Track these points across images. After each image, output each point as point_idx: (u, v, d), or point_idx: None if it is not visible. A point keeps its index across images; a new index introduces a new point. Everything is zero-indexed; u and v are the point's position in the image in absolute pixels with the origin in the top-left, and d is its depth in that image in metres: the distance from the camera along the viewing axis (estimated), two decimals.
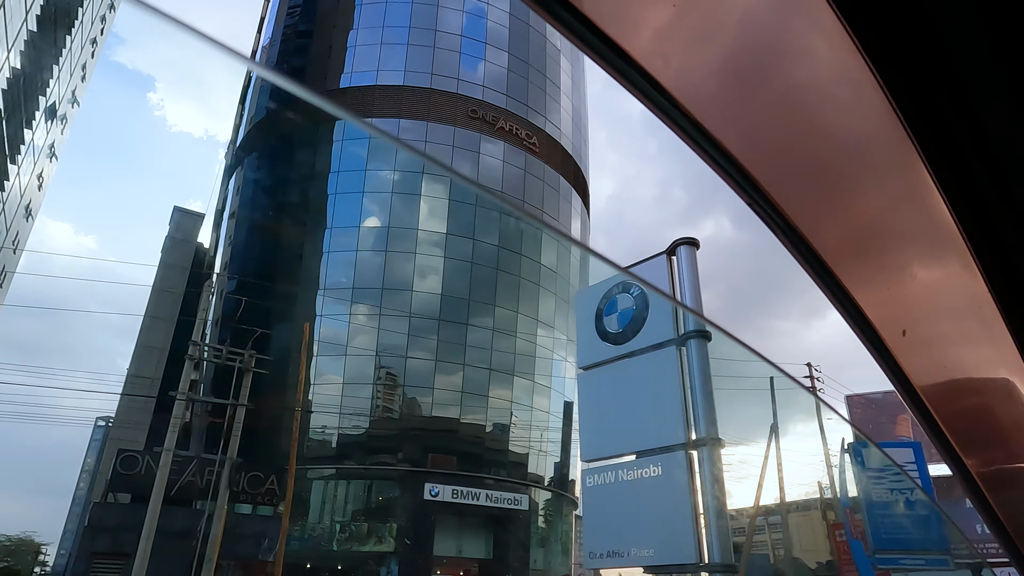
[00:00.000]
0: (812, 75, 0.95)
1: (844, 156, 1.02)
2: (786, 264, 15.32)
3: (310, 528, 25.89)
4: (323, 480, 27.32)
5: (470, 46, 34.90)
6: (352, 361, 28.25)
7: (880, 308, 1.18)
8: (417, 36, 34.14)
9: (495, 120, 33.25)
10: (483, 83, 34.28)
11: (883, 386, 31.05)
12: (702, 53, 0.93)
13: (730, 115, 0.98)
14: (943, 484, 22.28)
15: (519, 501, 27.79)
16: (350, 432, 27.75)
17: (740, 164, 1.00)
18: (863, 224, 1.11)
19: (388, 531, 25.66)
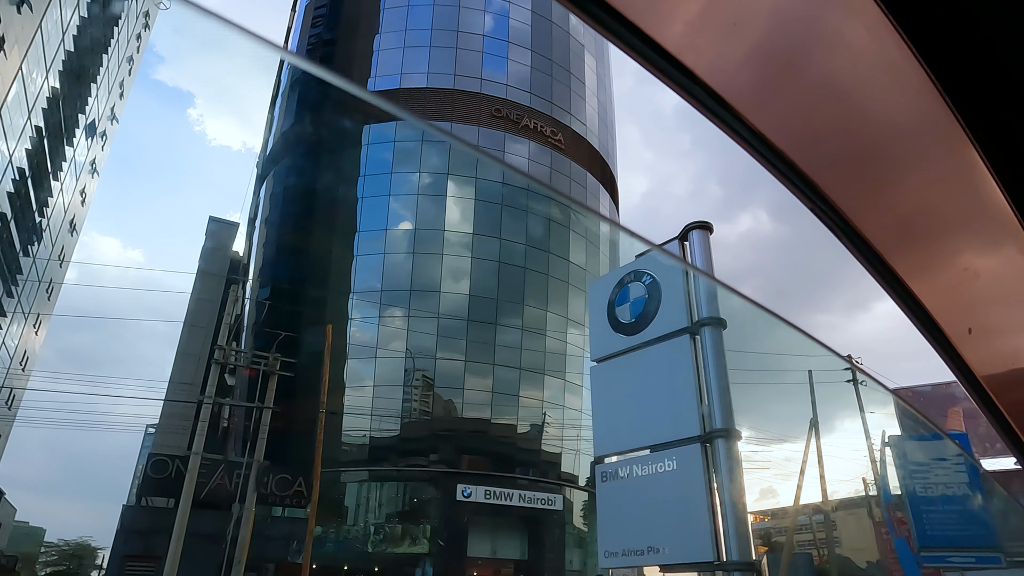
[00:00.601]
0: (851, 60, 0.93)
1: (890, 141, 1.01)
2: (828, 256, 14.54)
3: (345, 530, 26.05)
4: (357, 483, 27.47)
5: (492, 45, 34.80)
6: (383, 364, 28.36)
7: (938, 296, 1.16)
8: (439, 38, 34.18)
9: (519, 118, 33.06)
10: (506, 82, 34.13)
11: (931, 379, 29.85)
12: (737, 43, 0.92)
13: (770, 104, 0.97)
14: (1000, 479, 21.28)
15: (553, 501, 27.51)
16: (382, 434, 27.85)
17: (783, 153, 0.99)
18: (914, 210, 1.10)
19: (422, 532, 25.65)
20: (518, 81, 34.49)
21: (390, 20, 35.16)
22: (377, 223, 30.48)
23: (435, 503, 26.42)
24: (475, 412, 28.38)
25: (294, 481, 18.13)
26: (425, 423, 28.29)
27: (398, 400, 28.00)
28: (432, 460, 27.37)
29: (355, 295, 29.76)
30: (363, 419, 27.69)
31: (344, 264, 30.57)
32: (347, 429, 27.89)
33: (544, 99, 34.72)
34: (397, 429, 27.84)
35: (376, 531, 25.92)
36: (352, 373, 28.56)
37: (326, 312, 30.25)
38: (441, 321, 28.87)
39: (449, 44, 34.17)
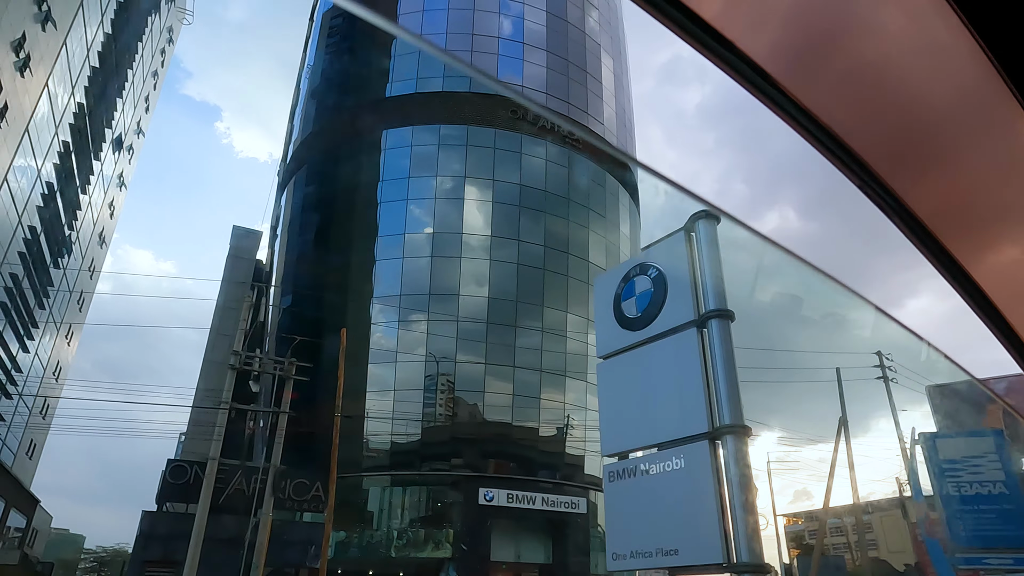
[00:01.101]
0: (904, 36, 0.90)
1: (945, 120, 0.96)
2: (858, 253, 14.06)
3: (368, 535, 26.05)
4: (380, 487, 27.48)
5: (508, 47, 34.73)
6: (404, 368, 28.37)
7: (998, 281, 1.11)
8: (454, 41, 34.20)
9: (536, 119, 32.89)
10: (522, 83, 34.01)
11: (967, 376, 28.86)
12: (784, 18, 0.91)
13: (820, 82, 0.94)
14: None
15: (576, 504, 27.20)
16: (404, 439, 27.84)
17: (833, 132, 0.97)
18: (971, 192, 1.05)
19: (445, 537, 25.54)
20: (534, 82, 34.35)
21: (406, 25, 35.28)
22: (396, 227, 30.54)
23: (457, 507, 26.30)
24: (496, 415, 28.23)
25: (312, 486, 18.14)
26: (446, 427, 28.21)
27: (419, 404, 27.97)
28: (454, 464, 27.27)
29: (376, 300, 29.83)
30: (385, 423, 27.71)
31: (364, 269, 30.69)
32: (369, 434, 27.92)
33: (561, 99, 34.52)
34: (418, 433, 27.81)
35: (399, 536, 25.88)
36: (373, 378, 28.61)
37: (346, 317, 30.36)
38: (461, 324, 28.79)
39: (464, 47, 34.16)
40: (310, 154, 35.72)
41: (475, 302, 29.45)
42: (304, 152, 36.28)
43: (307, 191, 34.97)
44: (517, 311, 29.47)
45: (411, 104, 33.01)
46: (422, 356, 28.47)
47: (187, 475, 16.07)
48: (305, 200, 34.84)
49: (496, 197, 30.95)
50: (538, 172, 32.26)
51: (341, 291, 31.25)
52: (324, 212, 33.92)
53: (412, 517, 26.93)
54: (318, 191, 34.45)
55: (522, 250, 30.44)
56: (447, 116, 32.50)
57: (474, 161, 31.56)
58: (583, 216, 32.57)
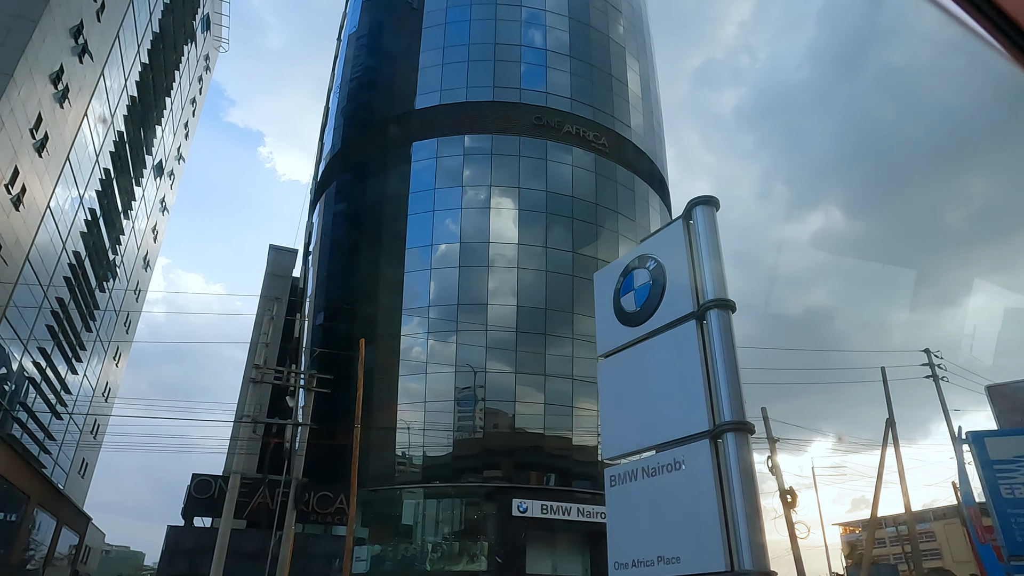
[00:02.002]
0: None
1: None
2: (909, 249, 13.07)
3: (403, 548, 25.90)
4: (414, 500, 27.33)
5: (530, 55, 34.66)
6: (435, 379, 28.27)
7: None
8: (477, 52, 34.31)
9: (560, 125, 32.66)
10: (546, 90, 33.86)
11: None
12: None
13: None
14: None
15: None
16: (436, 451, 27.67)
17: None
18: None
19: (479, 550, 25.20)
20: (558, 88, 34.16)
21: (430, 39, 35.59)
22: (423, 239, 30.59)
23: (492, 519, 25.95)
24: (529, 424, 27.84)
25: (335, 498, 18.08)
26: (478, 438, 27.95)
27: (451, 415, 27.79)
28: (487, 476, 26.96)
29: (406, 312, 29.87)
30: (417, 436, 27.60)
31: (394, 282, 30.79)
32: (401, 446, 27.85)
33: (585, 104, 34.23)
34: (450, 445, 27.61)
35: (434, 549, 25.66)
36: (405, 390, 28.58)
37: (377, 330, 30.49)
38: (491, 334, 28.58)
39: (487, 57, 34.24)
40: (338, 171, 36.19)
41: (505, 311, 29.21)
42: (333, 169, 36.80)
43: (336, 207, 35.39)
44: (547, 319, 29.11)
45: (435, 116, 33.16)
46: (452, 367, 28.32)
47: (211, 489, 16.22)
48: (335, 216, 35.26)
49: (522, 205, 30.75)
50: (564, 178, 31.95)
51: (372, 304, 31.41)
52: (353, 227, 34.26)
53: (447, 530, 26.68)
54: (347, 207, 34.83)
55: (550, 257, 30.12)
56: (471, 126, 32.53)
57: (499, 170, 31.46)
58: (612, 221, 32.09)
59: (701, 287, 6.91)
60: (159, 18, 41.02)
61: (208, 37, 59.50)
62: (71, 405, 37.28)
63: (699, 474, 6.27)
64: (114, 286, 42.42)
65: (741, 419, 6.14)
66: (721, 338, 6.44)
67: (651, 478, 6.85)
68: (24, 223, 26.25)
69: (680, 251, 7.27)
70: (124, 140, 38.06)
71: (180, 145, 55.90)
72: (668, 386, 7.08)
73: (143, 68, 39.34)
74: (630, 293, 7.69)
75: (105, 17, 31.16)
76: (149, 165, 45.49)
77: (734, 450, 6.05)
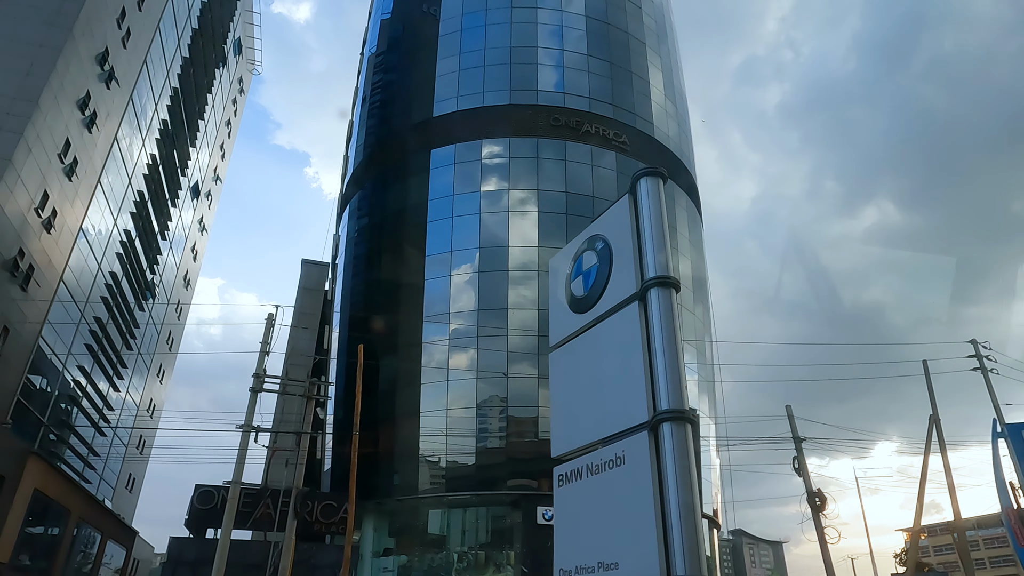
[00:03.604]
0: None
1: None
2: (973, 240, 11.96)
3: (428, 558, 25.57)
4: (438, 510, 27.02)
5: (547, 56, 34.30)
6: (456, 386, 27.97)
7: None
8: (493, 56, 34.14)
9: (578, 125, 32.14)
10: (563, 90, 33.42)
11: None
12: None
13: None
14: None
15: None
16: (459, 459, 27.31)
17: None
18: None
19: (506, 559, 24.68)
20: (576, 88, 33.68)
21: (446, 47, 35.61)
22: (443, 246, 30.43)
23: (517, 528, 25.40)
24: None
25: (339, 508, 17.85)
26: (502, 446, 27.48)
27: (473, 422, 27.42)
28: (511, 484, 26.43)
29: (426, 319, 29.71)
30: (440, 444, 27.30)
31: (415, 289, 30.69)
32: (425, 455, 27.59)
33: (604, 102, 33.63)
34: (474, 453, 27.21)
35: (459, 559, 25.25)
36: (427, 398, 28.35)
37: (399, 338, 30.42)
38: (512, 339, 28.13)
39: (503, 61, 34.02)
40: (361, 183, 36.45)
41: (526, 315, 28.75)
42: (355, 182, 37.09)
43: (359, 218, 35.61)
44: None
45: (453, 122, 33.06)
46: (474, 374, 27.98)
47: (214, 500, 16.23)
48: (358, 227, 35.48)
49: (541, 207, 30.30)
50: (584, 178, 31.38)
51: (394, 313, 31.38)
52: (375, 237, 34.39)
53: (472, 539, 26.25)
54: (369, 217, 35.01)
55: None
56: (489, 131, 32.31)
57: (517, 172, 31.11)
58: None
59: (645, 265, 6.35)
60: (188, 43, 42.22)
61: (241, 60, 61.15)
62: (114, 421, 38.36)
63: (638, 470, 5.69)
64: (153, 305, 43.62)
65: (680, 407, 5.54)
66: (661, 319, 5.86)
67: (595, 476, 6.29)
68: (56, 245, 27.11)
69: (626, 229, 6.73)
70: (157, 163, 39.18)
71: (216, 166, 57.43)
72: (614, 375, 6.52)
73: (173, 92, 40.49)
74: (579, 277, 7.16)
75: (131, 44, 32.14)
76: (185, 187, 46.76)
77: (670, 442, 5.46)
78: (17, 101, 23.68)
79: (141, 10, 33.10)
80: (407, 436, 27.51)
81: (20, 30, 24.71)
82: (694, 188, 37.72)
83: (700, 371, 31.94)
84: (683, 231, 34.07)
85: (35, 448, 26.52)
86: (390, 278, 32.44)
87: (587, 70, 34.10)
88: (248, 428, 15.08)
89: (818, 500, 17.25)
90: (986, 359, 23.12)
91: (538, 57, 34.00)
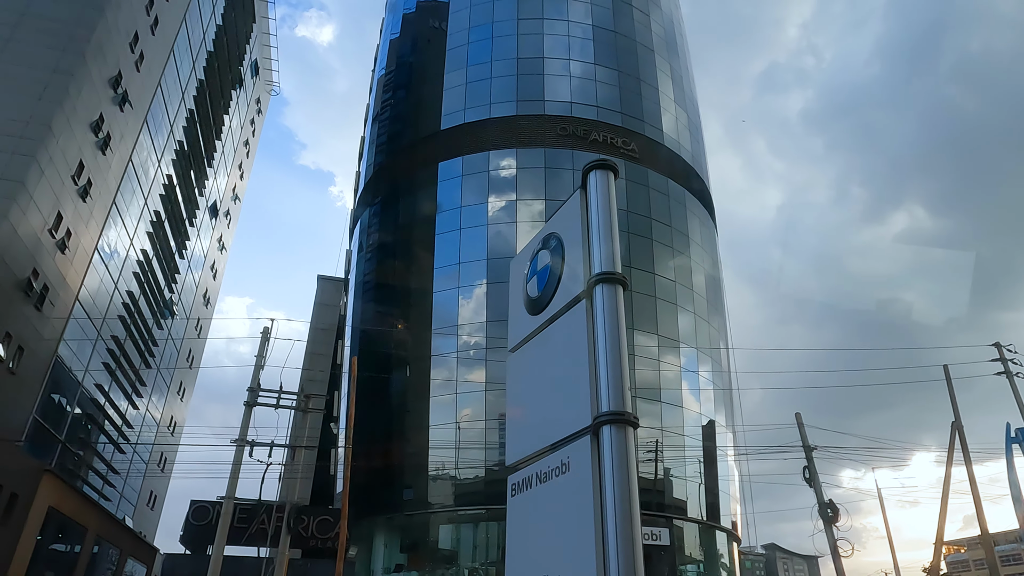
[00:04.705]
0: None
1: None
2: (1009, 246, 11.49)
3: (439, 574, 25.21)
4: (449, 525, 26.68)
5: (553, 66, 34.22)
6: (465, 399, 27.71)
7: None
8: (499, 68, 34.18)
9: (586, 133, 31.94)
10: (570, 99, 33.27)
11: None
12: None
13: None
14: None
15: (658, 536, 25.02)
16: (468, 473, 26.99)
17: None
18: None
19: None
20: (583, 97, 33.53)
21: (453, 60, 35.77)
22: (451, 258, 30.34)
23: None
24: None
25: (335, 523, 17.63)
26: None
27: (483, 435, 27.10)
28: None
29: (435, 332, 29.57)
30: (450, 458, 27.02)
31: (424, 302, 30.60)
32: (434, 469, 27.32)
33: (612, 110, 33.40)
34: (482, 466, 26.87)
35: (471, 573, 24.84)
36: (437, 412, 28.13)
37: (408, 352, 30.31)
38: None
39: (510, 73, 34.04)
40: (371, 199, 36.62)
41: None
42: (366, 198, 37.28)
43: (369, 233, 35.74)
44: None
45: (461, 135, 33.09)
46: (483, 385, 27.70)
47: (209, 515, 16.16)
48: (368, 242, 35.61)
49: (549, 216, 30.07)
50: None
51: (403, 326, 31.29)
52: (384, 251, 34.46)
53: (484, 555, 25.83)
54: (379, 232, 35.12)
55: None
56: (496, 142, 32.26)
57: (525, 182, 30.97)
58: (644, 227, 30.93)
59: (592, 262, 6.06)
60: (203, 66, 43.03)
61: (258, 81, 62.20)
62: (133, 438, 38.76)
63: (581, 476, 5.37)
64: (172, 323, 44.17)
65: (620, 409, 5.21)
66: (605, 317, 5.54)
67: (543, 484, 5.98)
68: (71, 265, 27.56)
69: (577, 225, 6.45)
70: (173, 183, 39.82)
71: (235, 186, 58.29)
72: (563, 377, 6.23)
73: (189, 114, 41.22)
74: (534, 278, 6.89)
75: (145, 67, 32.79)
76: (203, 206, 47.48)
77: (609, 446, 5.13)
78: (30, 125, 24.20)
79: (154, 34, 33.79)
80: (417, 450, 27.29)
81: (33, 55, 25.31)
82: (707, 195, 37.19)
83: (716, 380, 31.26)
84: (695, 237, 33.54)
85: (52, 466, 26.82)
86: (399, 291, 32.42)
87: (594, 79, 33.95)
88: (242, 443, 15.01)
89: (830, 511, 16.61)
90: (1011, 363, 22.22)
91: (545, 68, 33.96)
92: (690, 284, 31.48)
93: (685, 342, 29.98)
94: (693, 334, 30.59)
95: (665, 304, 29.88)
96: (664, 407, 27.81)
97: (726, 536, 28.77)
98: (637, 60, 35.97)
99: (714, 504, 28.16)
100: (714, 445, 29.40)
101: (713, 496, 28.24)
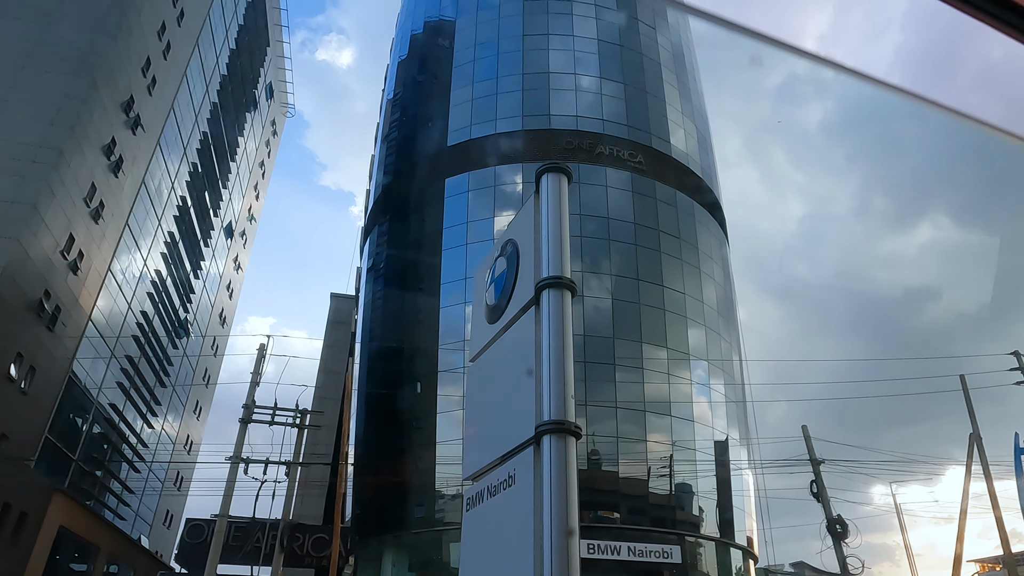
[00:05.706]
0: None
1: None
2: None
3: None
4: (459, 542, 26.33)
5: (559, 80, 34.31)
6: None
7: None
8: (505, 84, 34.34)
9: (592, 147, 31.87)
10: (576, 113, 33.28)
11: None
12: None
13: None
14: None
15: (669, 553, 24.45)
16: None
17: None
18: None
19: None
20: (589, 110, 33.52)
21: (459, 78, 36.02)
22: (457, 273, 30.32)
23: None
24: None
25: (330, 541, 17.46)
26: None
27: None
28: None
29: (442, 348, 29.47)
30: (458, 474, 26.76)
31: (431, 319, 30.54)
32: (442, 487, 27.08)
33: (618, 123, 33.33)
34: None
35: None
36: (445, 429, 27.93)
37: (416, 368, 30.23)
38: None
39: (515, 88, 34.17)
40: (380, 216, 36.85)
41: None
42: (375, 215, 37.53)
43: (377, 251, 35.92)
44: (585, 345, 27.80)
45: (467, 151, 33.21)
46: None
47: (204, 533, 16.10)
48: (376, 260, 35.78)
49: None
50: (599, 200, 30.95)
51: (411, 343, 31.27)
52: (392, 267, 34.58)
53: None
54: (387, 249, 35.27)
55: (584, 281, 29.00)
56: (501, 157, 32.32)
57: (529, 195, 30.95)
58: (652, 239, 30.66)
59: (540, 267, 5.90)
60: (217, 89, 43.84)
61: (273, 103, 63.24)
62: (148, 458, 39.06)
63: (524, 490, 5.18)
64: (188, 343, 44.66)
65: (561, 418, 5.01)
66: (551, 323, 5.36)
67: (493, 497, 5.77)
68: (84, 286, 27.98)
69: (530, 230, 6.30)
70: (188, 204, 40.45)
71: (251, 207, 59.12)
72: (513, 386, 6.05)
73: (203, 136, 41.94)
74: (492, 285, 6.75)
75: (157, 91, 33.45)
76: (218, 227, 48.16)
77: (548, 457, 4.93)
78: (42, 150, 24.71)
79: (167, 59, 34.49)
80: (424, 467, 27.10)
81: (45, 82, 25.91)
82: (718, 207, 36.83)
83: (730, 394, 30.70)
84: (704, 248, 33.15)
85: (65, 485, 27.05)
86: (406, 307, 32.45)
87: (600, 92, 33.95)
88: (236, 460, 14.99)
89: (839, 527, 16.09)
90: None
91: (550, 82, 34.04)
92: (701, 296, 31.07)
93: (696, 355, 29.53)
94: (704, 347, 30.13)
95: (675, 317, 29.50)
96: (675, 421, 27.35)
97: (741, 554, 28.07)
98: (644, 73, 35.91)
99: (728, 520, 27.52)
100: (728, 460, 28.80)
101: (727, 512, 27.61)
